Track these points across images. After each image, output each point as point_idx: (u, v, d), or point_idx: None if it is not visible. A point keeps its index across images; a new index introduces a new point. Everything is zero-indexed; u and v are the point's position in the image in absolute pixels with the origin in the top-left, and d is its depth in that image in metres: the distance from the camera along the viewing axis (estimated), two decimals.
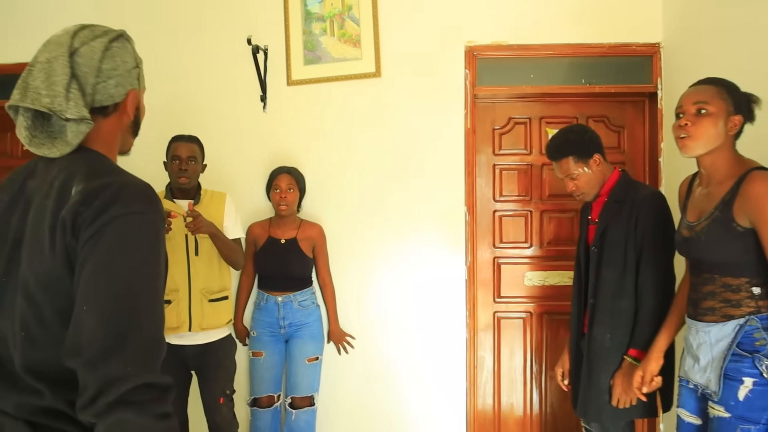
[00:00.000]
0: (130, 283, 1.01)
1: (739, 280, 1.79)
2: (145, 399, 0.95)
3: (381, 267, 3.27)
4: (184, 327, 2.68)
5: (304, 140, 3.31)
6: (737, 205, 1.74)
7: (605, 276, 2.28)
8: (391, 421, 3.27)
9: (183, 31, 3.38)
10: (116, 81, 1.17)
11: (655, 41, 3.15)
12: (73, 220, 1.02)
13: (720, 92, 1.81)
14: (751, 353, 1.75)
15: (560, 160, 2.35)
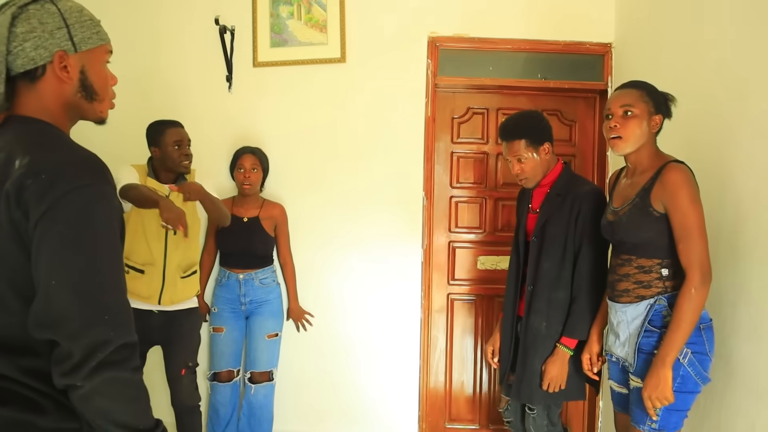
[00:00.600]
0: (96, 254, 1.07)
1: (651, 261, 1.98)
2: (123, 357, 1.07)
3: (341, 247, 3.37)
4: (153, 299, 2.71)
5: (268, 121, 3.36)
6: (654, 192, 1.94)
7: (544, 266, 2.38)
8: (347, 397, 3.39)
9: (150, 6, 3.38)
10: (34, 43, 1.13)
11: (607, 41, 3.32)
12: (17, 193, 1.03)
13: (642, 95, 2.01)
14: (660, 328, 1.96)
15: (512, 141, 2.40)
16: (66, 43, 1.17)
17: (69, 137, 1.20)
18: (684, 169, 1.92)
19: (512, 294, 2.56)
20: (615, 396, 2.23)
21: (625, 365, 2.08)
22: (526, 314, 2.44)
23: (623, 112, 2.00)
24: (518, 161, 2.40)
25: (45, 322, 1.03)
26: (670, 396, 1.86)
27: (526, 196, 2.56)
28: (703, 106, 2.36)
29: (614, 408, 2.27)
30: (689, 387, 1.92)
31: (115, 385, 1.06)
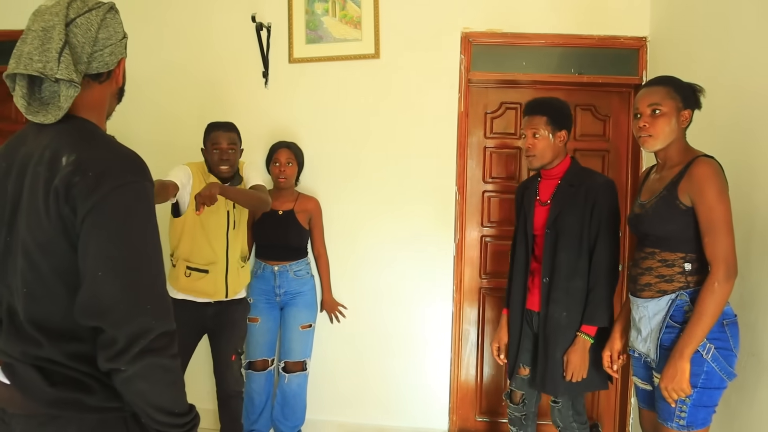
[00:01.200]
0: (141, 248, 1.15)
1: (675, 255, 1.98)
2: (164, 344, 1.14)
3: (374, 241, 3.42)
4: (219, 294, 2.79)
5: (304, 116, 3.43)
6: (682, 185, 1.94)
7: (561, 257, 2.41)
8: (379, 387, 3.44)
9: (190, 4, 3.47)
10: (110, 50, 1.23)
11: (642, 35, 3.30)
12: (66, 190, 1.10)
13: (669, 92, 2.00)
14: (681, 324, 1.95)
15: (535, 115, 2.45)
16: (125, 51, 1.30)
17: (108, 135, 1.27)
18: (712, 164, 1.92)
19: (521, 288, 2.57)
20: (640, 393, 2.23)
21: (648, 361, 2.08)
22: (543, 306, 2.46)
23: (651, 111, 2.00)
24: (533, 136, 2.45)
25: (92, 310, 1.10)
26: (687, 388, 1.86)
27: (531, 190, 2.59)
28: (738, 100, 2.34)
29: (639, 405, 2.26)
30: (714, 383, 1.90)
31: (155, 370, 1.13)
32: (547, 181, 2.54)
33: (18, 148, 1.21)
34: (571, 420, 2.53)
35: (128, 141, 3.14)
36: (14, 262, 1.17)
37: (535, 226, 2.54)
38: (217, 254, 2.77)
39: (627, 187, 3.42)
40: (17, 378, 1.17)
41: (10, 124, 3.79)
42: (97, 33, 1.20)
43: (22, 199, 1.16)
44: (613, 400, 3.47)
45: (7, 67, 1.17)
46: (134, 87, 3.26)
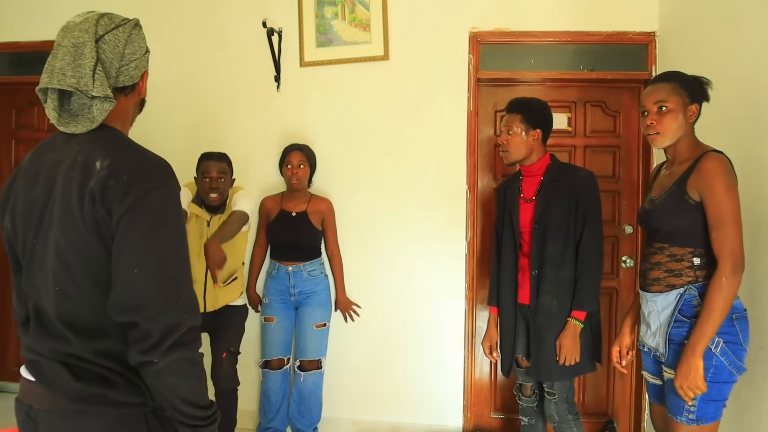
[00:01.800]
0: (173, 247, 1.22)
1: (684, 250, 1.99)
2: (192, 338, 1.21)
3: (386, 240, 3.46)
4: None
5: (315, 119, 3.49)
6: (691, 180, 1.95)
7: (549, 249, 2.52)
8: (393, 385, 3.48)
9: (200, 12, 3.55)
10: (135, 64, 1.31)
11: (651, 30, 3.29)
12: (102, 192, 1.15)
13: (674, 88, 2.01)
14: (690, 319, 1.97)
15: (511, 113, 2.61)
16: (147, 65, 1.37)
17: (135, 142, 1.33)
18: (721, 158, 1.92)
19: (512, 284, 2.66)
20: (650, 387, 2.24)
21: (657, 355, 2.09)
22: (533, 297, 2.56)
23: (658, 108, 2.01)
24: (507, 132, 2.59)
25: (127, 306, 1.16)
26: (702, 385, 1.86)
27: (513, 189, 2.70)
28: (747, 93, 2.34)
29: (649, 399, 2.28)
30: (724, 377, 1.91)
31: (184, 363, 1.19)
32: (529, 178, 2.65)
33: (45, 155, 1.28)
34: (566, 413, 2.59)
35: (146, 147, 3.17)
36: (41, 264, 1.24)
37: (521, 223, 2.63)
38: (197, 273, 2.90)
39: (638, 182, 3.42)
40: (43, 375, 1.23)
41: (32, 132, 3.92)
42: (124, 48, 1.28)
43: (51, 203, 1.22)
44: (627, 395, 3.47)
45: (40, 81, 1.24)
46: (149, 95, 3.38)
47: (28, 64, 3.81)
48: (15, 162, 3.97)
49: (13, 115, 3.97)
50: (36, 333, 1.26)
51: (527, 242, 2.61)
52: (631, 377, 3.44)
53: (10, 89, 3.93)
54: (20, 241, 1.28)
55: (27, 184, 1.27)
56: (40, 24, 3.71)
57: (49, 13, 3.71)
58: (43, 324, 1.26)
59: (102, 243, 1.18)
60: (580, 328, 2.49)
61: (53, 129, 1.30)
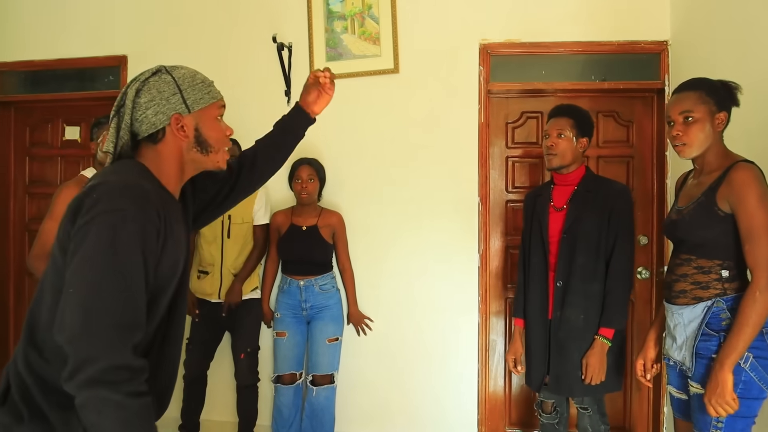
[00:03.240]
0: (104, 274, 1.13)
1: (711, 262, 1.94)
2: (117, 379, 1.09)
3: (398, 253, 3.44)
4: (215, 295, 3.21)
5: (326, 133, 3.47)
6: (721, 191, 1.89)
7: (579, 261, 2.46)
8: (407, 399, 3.45)
9: (211, 27, 3.58)
10: (154, 110, 1.31)
11: (663, 39, 3.26)
12: (75, 209, 1.19)
13: (701, 96, 1.95)
14: (718, 332, 1.91)
15: (562, 117, 2.56)
16: (180, 106, 1.34)
17: (146, 170, 1.32)
18: (753, 169, 1.87)
19: (541, 295, 2.59)
20: (674, 402, 2.18)
21: (683, 369, 2.04)
22: (557, 309, 2.50)
23: (684, 119, 1.96)
24: (558, 135, 2.53)
25: (58, 325, 1.12)
26: (732, 401, 1.81)
27: (544, 197, 2.64)
28: (760, 101, 2.30)
29: (674, 414, 2.21)
30: (754, 393, 1.85)
31: (104, 404, 1.08)
32: (562, 187, 2.60)
33: None
34: (599, 424, 2.55)
35: None
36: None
37: (550, 232, 2.56)
38: (213, 257, 3.20)
39: (653, 193, 3.38)
40: None
41: (46, 148, 3.96)
42: (135, 99, 1.31)
43: None
44: (645, 408, 3.41)
45: None
46: None
47: (42, 82, 3.86)
48: (29, 178, 4.01)
49: (27, 132, 4.01)
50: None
51: (554, 252, 2.55)
52: (648, 390, 3.38)
53: (24, 107, 3.99)
54: None
55: None
56: (54, 43, 3.76)
57: (63, 32, 3.75)
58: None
59: (63, 258, 1.19)
60: (608, 347, 2.42)
61: (67, 146, 1.39)
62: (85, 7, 3.72)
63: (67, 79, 3.83)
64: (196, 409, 3.31)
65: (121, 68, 3.66)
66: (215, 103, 1.41)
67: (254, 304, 3.29)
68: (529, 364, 2.65)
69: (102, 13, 3.69)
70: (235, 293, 3.16)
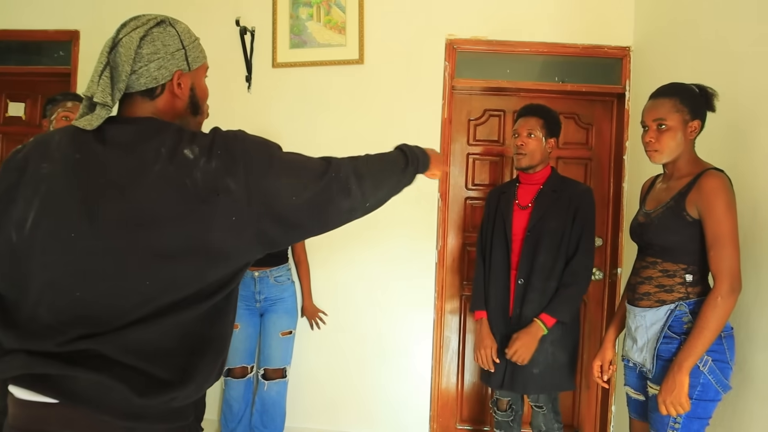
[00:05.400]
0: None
1: (677, 266, 1.97)
2: None
3: (355, 247, 3.40)
4: None
5: (287, 121, 3.41)
6: (690, 197, 1.92)
7: (540, 259, 2.49)
8: (359, 395, 3.42)
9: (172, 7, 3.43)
10: (158, 64, 1.21)
11: (626, 45, 3.31)
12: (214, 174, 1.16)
13: (675, 104, 1.97)
14: (680, 335, 1.95)
15: (532, 117, 2.58)
16: (183, 64, 1.26)
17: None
18: (722, 177, 1.91)
19: (503, 291, 2.60)
20: (631, 403, 2.21)
21: (643, 371, 2.07)
22: (517, 307, 2.52)
23: (657, 126, 1.98)
24: (528, 135, 2.55)
25: None
26: (686, 403, 1.84)
27: (508, 195, 2.66)
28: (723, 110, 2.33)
29: (630, 415, 2.24)
30: (710, 395, 1.89)
31: None
32: (528, 186, 2.62)
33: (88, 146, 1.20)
34: (553, 422, 2.58)
35: None
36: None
37: (514, 230, 2.58)
38: None
39: (609, 195, 3.43)
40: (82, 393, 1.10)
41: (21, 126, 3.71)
42: (137, 49, 1.20)
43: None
44: (594, 407, 3.47)
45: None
46: None
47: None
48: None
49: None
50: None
51: (517, 251, 2.56)
52: (597, 389, 3.44)
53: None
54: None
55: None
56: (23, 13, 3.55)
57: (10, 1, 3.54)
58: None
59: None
60: (541, 333, 2.45)
61: (10, 123, 1.24)
62: None
63: (11, 52, 3.62)
64: None
65: (73, 44, 3.49)
66: (205, 64, 1.36)
67: None
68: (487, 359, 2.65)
69: None
70: None
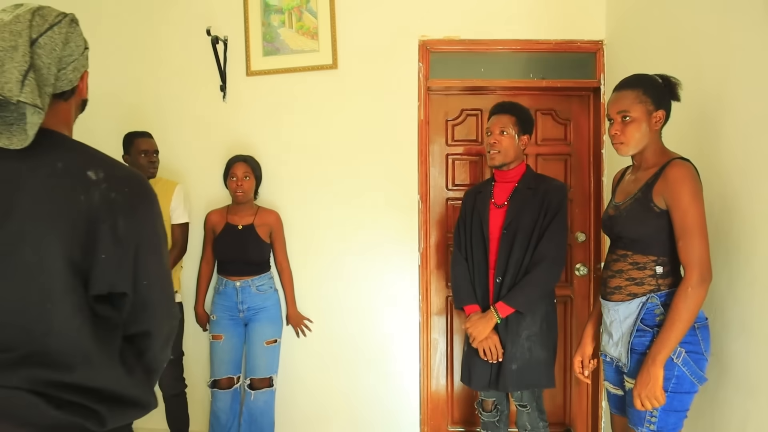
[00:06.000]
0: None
1: (647, 258, 1.96)
2: None
3: (337, 252, 3.38)
4: None
5: (263, 129, 3.39)
6: (657, 187, 1.91)
7: (516, 256, 2.48)
8: (348, 401, 3.40)
9: (143, 19, 3.43)
10: (74, 66, 1.19)
11: (599, 38, 3.30)
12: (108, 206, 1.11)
13: (638, 95, 1.97)
14: (652, 328, 1.94)
15: (504, 114, 2.57)
16: (87, 63, 1.25)
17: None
18: (687, 166, 1.89)
19: (483, 291, 2.59)
20: (611, 398, 2.20)
21: (619, 365, 2.06)
22: (494, 304, 2.50)
23: (621, 118, 1.98)
24: (500, 133, 2.54)
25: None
26: (660, 396, 1.83)
27: (484, 194, 2.65)
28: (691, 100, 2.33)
29: (610, 410, 2.24)
30: (685, 387, 1.88)
31: None
32: (503, 184, 2.62)
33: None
34: (538, 421, 2.57)
35: None
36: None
37: (491, 229, 2.57)
38: None
39: (590, 190, 3.42)
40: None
41: None
42: (61, 51, 1.15)
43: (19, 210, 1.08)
44: (585, 403, 3.45)
45: None
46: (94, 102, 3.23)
47: None
48: None
49: None
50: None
51: (494, 250, 2.55)
52: (587, 386, 3.42)
53: None
54: None
55: None
56: None
57: None
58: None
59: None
60: (494, 321, 2.46)
61: None
62: None
63: None
64: None
65: None
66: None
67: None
68: (469, 363, 2.62)
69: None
70: None
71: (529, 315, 2.47)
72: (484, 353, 2.52)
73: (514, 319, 2.47)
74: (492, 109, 2.65)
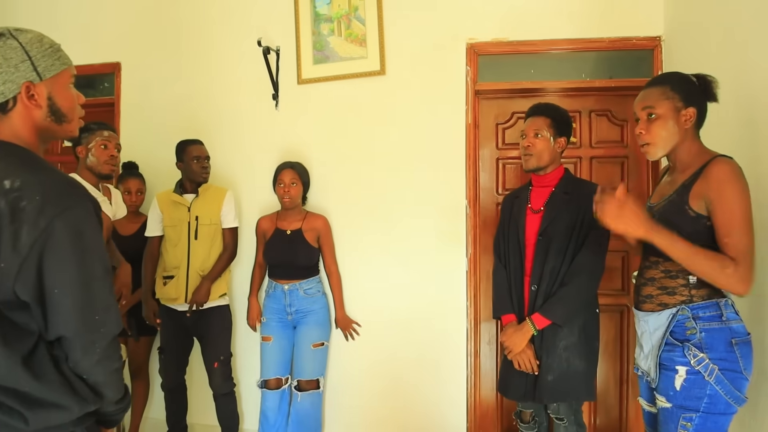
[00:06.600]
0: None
1: (679, 266, 1.81)
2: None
3: (385, 257, 3.40)
4: (181, 299, 3.13)
5: (314, 136, 3.47)
6: (696, 188, 1.79)
7: (552, 264, 2.38)
8: (395, 406, 3.40)
9: (199, 33, 3.59)
10: (2, 78, 1.23)
11: (656, 35, 3.14)
12: (12, 213, 1.13)
13: (664, 91, 1.86)
14: (682, 342, 1.81)
15: (539, 116, 2.48)
16: (31, 74, 1.27)
17: (44, 160, 1.29)
18: (732, 164, 1.76)
19: (517, 300, 2.51)
20: (645, 415, 2.09)
21: (648, 380, 1.95)
22: (531, 313, 2.41)
23: (647, 115, 1.88)
24: (534, 135, 2.46)
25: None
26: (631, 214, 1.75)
27: (521, 199, 2.57)
28: (755, 98, 2.16)
29: (646, 428, 2.12)
30: (720, 408, 1.75)
31: None
32: (540, 189, 2.53)
33: None
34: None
35: (154, 171, 3.34)
36: None
37: (527, 234, 2.50)
38: (179, 259, 3.14)
39: (648, 194, 3.23)
40: None
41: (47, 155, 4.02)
42: None
43: None
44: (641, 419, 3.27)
45: None
46: (155, 117, 3.44)
47: None
48: None
49: None
50: None
51: (530, 256, 2.47)
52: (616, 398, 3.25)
53: None
54: None
55: None
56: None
57: None
58: None
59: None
60: (530, 334, 2.37)
61: (66, 153, 1.30)
62: (76, 15, 3.78)
63: None
64: (181, 415, 3.32)
65: (116, 75, 3.71)
66: (66, 70, 1.34)
67: (223, 312, 3.24)
68: (506, 373, 2.56)
69: (95, 21, 3.75)
70: (203, 292, 3.08)
71: (566, 326, 2.38)
72: (519, 365, 2.45)
73: (550, 329, 2.38)
74: (528, 111, 2.58)
